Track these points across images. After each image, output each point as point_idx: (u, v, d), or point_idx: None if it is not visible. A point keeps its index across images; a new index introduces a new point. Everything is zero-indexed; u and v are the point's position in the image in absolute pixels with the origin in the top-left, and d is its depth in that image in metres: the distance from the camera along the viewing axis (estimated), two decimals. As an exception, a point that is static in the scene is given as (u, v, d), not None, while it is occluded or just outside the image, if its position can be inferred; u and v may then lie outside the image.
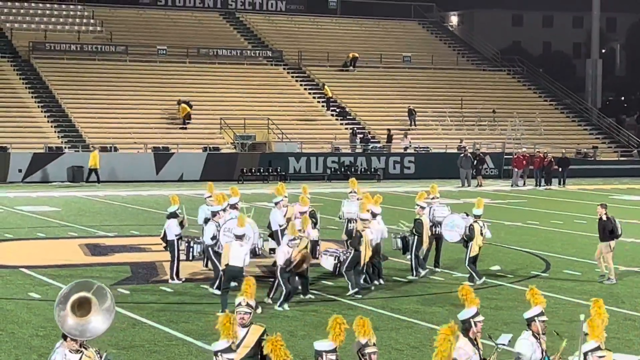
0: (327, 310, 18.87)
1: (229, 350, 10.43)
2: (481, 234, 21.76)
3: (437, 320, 18.17)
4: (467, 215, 22.35)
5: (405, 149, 55.43)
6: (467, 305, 10.94)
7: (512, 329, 16.85)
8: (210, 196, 22.56)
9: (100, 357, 10.15)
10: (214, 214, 21.10)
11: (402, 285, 21.90)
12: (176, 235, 21.75)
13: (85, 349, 10.07)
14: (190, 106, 55.03)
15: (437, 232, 23.39)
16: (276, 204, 22.82)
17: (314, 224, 22.61)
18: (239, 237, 18.76)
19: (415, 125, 59.32)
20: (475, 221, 21.82)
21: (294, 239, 19.23)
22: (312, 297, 20.09)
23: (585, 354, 10.17)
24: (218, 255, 20.04)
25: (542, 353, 11.06)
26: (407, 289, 21.51)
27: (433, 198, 24.06)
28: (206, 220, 22.13)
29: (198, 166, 50.18)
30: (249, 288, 11.60)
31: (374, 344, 9.90)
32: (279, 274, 19.28)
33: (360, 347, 9.85)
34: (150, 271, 23.24)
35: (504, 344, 11.02)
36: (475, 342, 10.81)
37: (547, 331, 11.35)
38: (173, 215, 21.96)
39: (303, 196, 22.70)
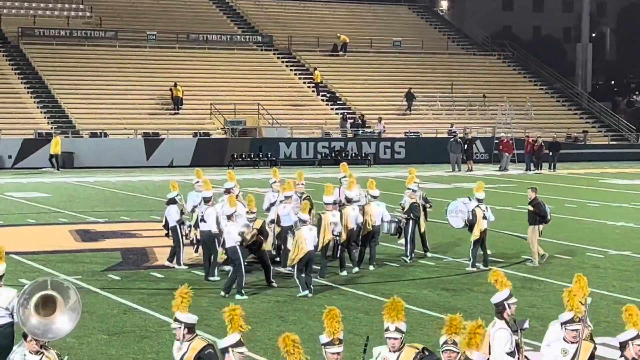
0: (317, 296, 18.89)
1: (239, 344, 9.48)
2: (484, 217, 21.79)
3: (428, 305, 18.22)
4: (470, 199, 22.34)
5: (379, 134, 55.09)
6: (500, 288, 10.85)
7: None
8: (198, 182, 22.28)
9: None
10: (207, 199, 20.87)
11: (393, 269, 21.92)
12: (177, 221, 21.68)
13: (46, 349, 9.76)
14: (181, 93, 54.98)
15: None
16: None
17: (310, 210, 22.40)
18: (229, 217, 19.00)
19: (410, 110, 59.26)
20: (478, 205, 21.86)
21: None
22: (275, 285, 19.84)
23: (626, 342, 9.89)
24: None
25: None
26: (398, 273, 21.52)
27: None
28: (193, 209, 21.92)
29: (188, 152, 50.08)
30: (181, 300, 10.40)
31: (397, 330, 9.78)
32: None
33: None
34: (141, 257, 23.19)
35: (526, 327, 10.85)
36: (510, 325, 10.72)
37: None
38: (172, 201, 21.82)
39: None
